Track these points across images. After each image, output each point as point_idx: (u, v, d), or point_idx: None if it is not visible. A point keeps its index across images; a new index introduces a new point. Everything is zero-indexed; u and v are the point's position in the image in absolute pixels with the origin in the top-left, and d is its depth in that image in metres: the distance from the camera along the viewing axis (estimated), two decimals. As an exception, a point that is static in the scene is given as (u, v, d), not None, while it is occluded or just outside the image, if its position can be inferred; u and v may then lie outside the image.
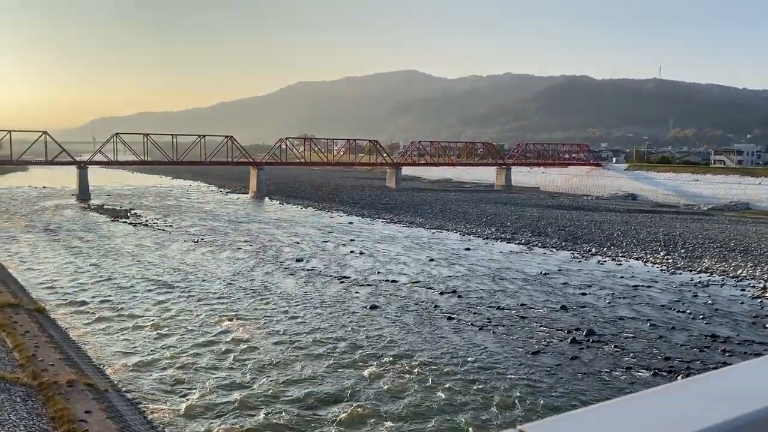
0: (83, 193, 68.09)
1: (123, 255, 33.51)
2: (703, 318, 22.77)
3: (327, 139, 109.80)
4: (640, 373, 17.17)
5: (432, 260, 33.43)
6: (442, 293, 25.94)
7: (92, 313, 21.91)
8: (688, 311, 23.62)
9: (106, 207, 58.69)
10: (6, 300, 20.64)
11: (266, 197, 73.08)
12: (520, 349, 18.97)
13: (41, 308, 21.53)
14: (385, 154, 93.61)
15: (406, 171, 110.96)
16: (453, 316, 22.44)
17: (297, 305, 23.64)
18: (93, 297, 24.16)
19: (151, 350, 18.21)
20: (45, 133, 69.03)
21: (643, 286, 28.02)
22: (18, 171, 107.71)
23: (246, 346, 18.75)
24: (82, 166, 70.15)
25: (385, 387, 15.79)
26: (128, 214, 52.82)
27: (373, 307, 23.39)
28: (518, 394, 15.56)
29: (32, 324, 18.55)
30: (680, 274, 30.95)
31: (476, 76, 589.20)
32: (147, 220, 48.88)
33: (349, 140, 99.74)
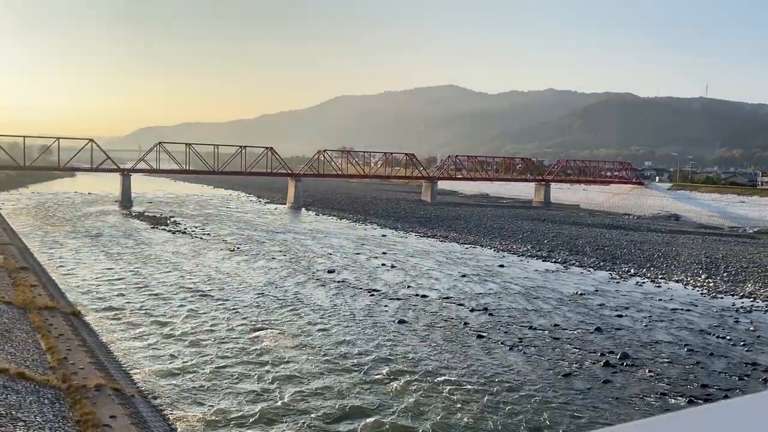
0: (125, 200, 69.74)
1: (160, 262, 34.07)
2: (744, 345, 21.95)
3: (364, 152, 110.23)
4: (674, 400, 16.59)
5: (464, 276, 33.10)
6: (472, 310, 25.60)
7: (126, 318, 22.27)
8: (728, 337, 22.81)
9: (146, 214, 59.92)
10: (44, 303, 21.12)
11: (303, 208, 73.66)
12: (551, 371, 18.53)
13: (77, 312, 21.98)
14: (421, 168, 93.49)
15: (442, 185, 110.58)
16: (483, 334, 22.10)
17: (326, 317, 23.62)
18: (128, 302, 24.56)
19: (180, 357, 18.37)
20: (91, 141, 71.07)
21: (681, 309, 27.18)
22: (65, 177, 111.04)
23: (274, 356, 18.78)
24: (126, 174, 71.93)
25: (410, 404, 15.59)
26: (168, 222, 53.80)
27: (402, 322, 23.21)
28: (547, 417, 15.18)
29: (67, 327, 18.91)
30: (721, 298, 29.96)
31: (517, 91, 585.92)
32: (186, 228, 49.69)
33: (385, 153, 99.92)
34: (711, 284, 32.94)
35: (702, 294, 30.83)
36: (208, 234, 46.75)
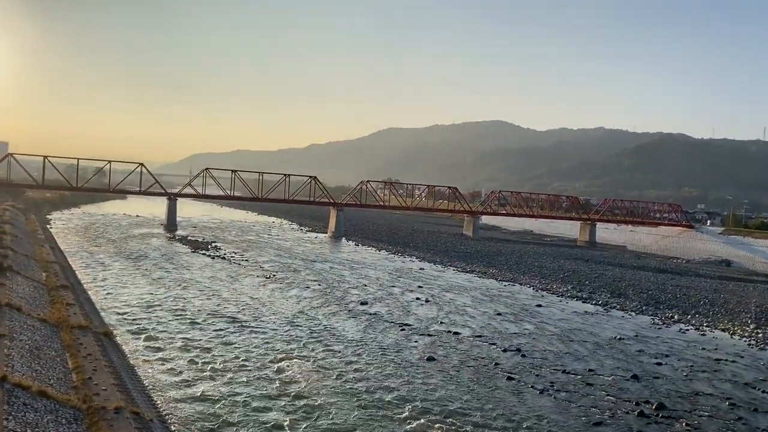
0: (171, 224, 71.26)
1: (196, 287, 34.44)
2: (792, 402, 20.72)
3: (408, 184, 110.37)
4: (712, 458, 15.67)
5: (499, 314, 32.40)
6: (505, 350, 24.94)
7: (155, 341, 22.45)
8: (775, 393, 21.59)
9: (189, 238, 61.00)
10: (77, 322, 21.45)
11: (343, 237, 73.89)
12: (583, 418, 17.81)
13: (109, 332, 22.25)
14: (464, 202, 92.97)
15: (486, 220, 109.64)
16: (513, 376, 21.45)
17: (354, 350, 23.34)
18: (159, 325, 24.81)
19: (205, 384, 18.34)
20: (141, 164, 73.14)
21: (726, 360, 25.93)
22: (117, 199, 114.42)
23: (298, 388, 18.58)
24: (171, 198, 73.63)
25: (430, 445, 15.13)
26: (209, 247, 54.61)
27: (431, 359, 22.75)
28: (571, 467, 14.50)
29: (96, 347, 19.12)
30: (771, 350, 28.48)
31: (566, 129, 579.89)
32: (225, 254, 50.32)
33: (428, 186, 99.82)
34: (760, 335, 31.40)
35: (749, 345, 29.40)
36: (247, 260, 47.20)
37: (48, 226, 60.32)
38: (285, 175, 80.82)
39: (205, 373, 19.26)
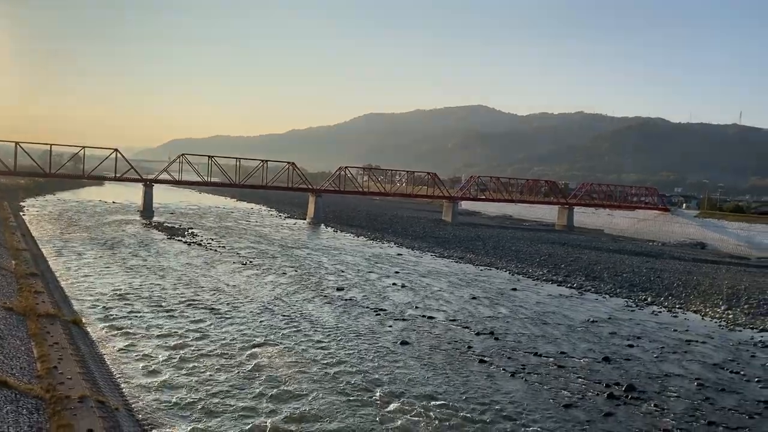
0: (147, 210, 70.55)
1: (170, 273, 34.11)
2: (758, 381, 21.08)
3: (388, 170, 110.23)
4: (678, 438, 15.88)
5: (474, 298, 32.54)
6: (478, 334, 25.05)
7: (126, 329, 22.18)
8: (742, 372, 21.95)
9: (166, 224, 60.39)
10: (45, 310, 21.11)
11: (322, 224, 73.67)
12: (552, 401, 17.93)
13: (78, 320, 21.95)
14: (443, 187, 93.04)
15: (466, 206, 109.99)
16: (486, 359, 21.55)
17: (328, 335, 23.28)
18: (130, 313, 24.52)
19: (175, 372, 18.16)
20: (116, 150, 72.13)
21: (696, 341, 26.29)
22: (93, 186, 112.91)
23: (269, 374, 18.48)
24: (147, 184, 72.81)
25: (399, 429, 15.14)
26: (185, 233, 54.11)
27: (404, 343, 22.77)
28: (539, 449, 14.61)
29: (63, 336, 18.84)
30: (740, 331, 28.94)
31: (547, 113, 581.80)
32: (202, 240, 49.90)
33: (407, 172, 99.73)
34: (730, 316, 31.89)
35: (720, 326, 29.84)
36: (223, 247, 46.86)
37: (21, 213, 59.36)
38: (262, 161, 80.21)
39: (175, 361, 19.06)
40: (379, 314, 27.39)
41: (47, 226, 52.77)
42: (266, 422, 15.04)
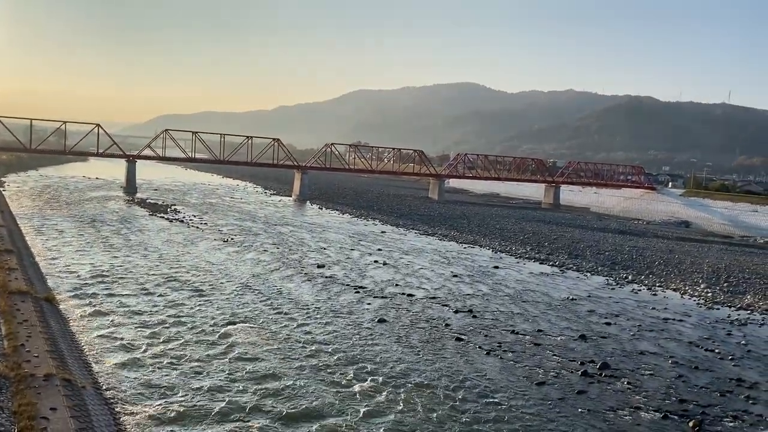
0: (130, 187, 69.87)
1: (149, 250, 33.81)
2: (732, 359, 21.23)
3: (375, 147, 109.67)
4: (648, 415, 15.97)
5: (455, 276, 32.53)
6: (456, 311, 25.04)
7: (100, 306, 21.95)
8: (717, 350, 22.09)
9: (149, 201, 59.87)
10: (17, 287, 20.80)
11: (308, 201, 73.35)
12: (525, 379, 17.97)
13: (51, 297, 21.67)
14: (430, 165, 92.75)
15: (453, 183, 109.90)
16: (462, 337, 21.55)
17: (305, 313, 23.18)
18: (106, 290, 24.28)
19: (146, 349, 18.00)
20: (98, 125, 71.12)
21: (673, 319, 26.44)
22: (77, 162, 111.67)
23: (242, 351, 18.37)
24: (131, 160, 72.02)
25: (371, 407, 15.10)
26: (168, 210, 53.68)
27: (382, 321, 22.72)
28: (509, 427, 14.63)
29: (34, 313, 18.57)
30: (717, 309, 29.14)
31: (537, 91, 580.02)
32: (184, 217, 49.51)
33: (394, 149, 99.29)
34: (709, 294, 32.09)
35: (698, 304, 30.03)
36: (205, 224, 46.51)
37: (1, 189, 58.57)
38: (247, 137, 79.48)
39: (148, 340, 18.88)
40: (359, 292, 27.31)
41: (27, 201, 52.14)
42: (239, 400, 14.94)
